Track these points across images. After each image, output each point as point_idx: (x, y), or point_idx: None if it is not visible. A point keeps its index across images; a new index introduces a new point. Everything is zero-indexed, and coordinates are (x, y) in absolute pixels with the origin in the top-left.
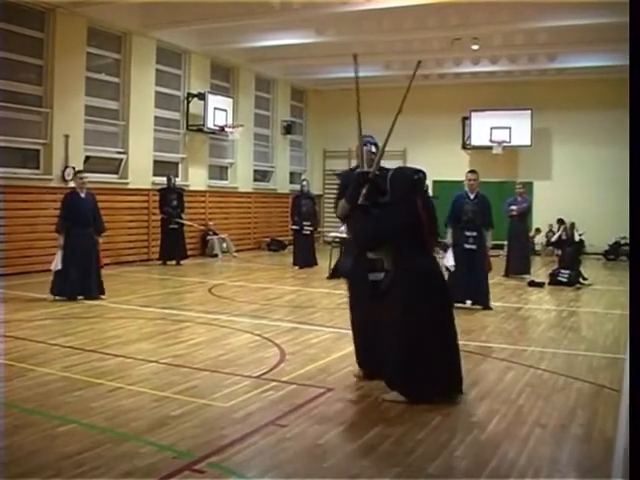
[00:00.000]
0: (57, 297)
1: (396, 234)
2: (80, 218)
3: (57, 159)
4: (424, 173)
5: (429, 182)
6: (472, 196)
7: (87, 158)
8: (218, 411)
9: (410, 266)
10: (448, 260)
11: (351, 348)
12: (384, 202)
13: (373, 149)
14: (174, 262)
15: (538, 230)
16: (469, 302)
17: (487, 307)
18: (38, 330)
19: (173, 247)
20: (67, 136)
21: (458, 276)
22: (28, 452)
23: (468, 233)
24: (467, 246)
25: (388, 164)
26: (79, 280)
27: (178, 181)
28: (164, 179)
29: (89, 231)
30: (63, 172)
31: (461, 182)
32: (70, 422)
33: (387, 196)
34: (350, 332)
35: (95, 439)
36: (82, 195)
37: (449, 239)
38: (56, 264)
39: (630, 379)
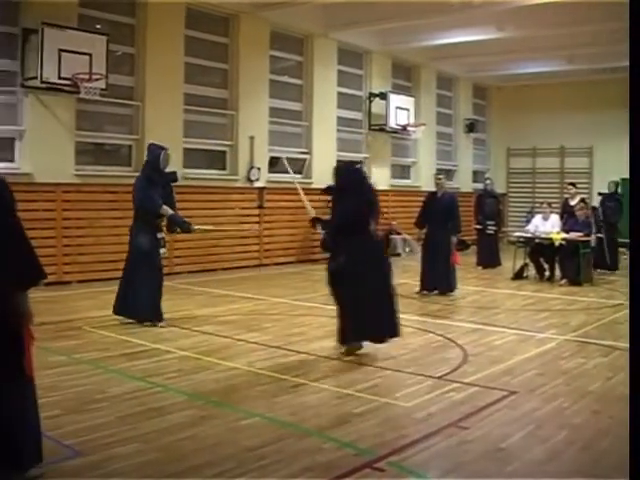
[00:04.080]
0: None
1: (349, 219)
2: (433, 217)
3: (242, 160)
4: (361, 162)
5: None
6: None
7: (272, 159)
8: (399, 410)
9: (357, 244)
10: None
11: (536, 350)
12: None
13: None
14: None
15: None
16: None
17: None
18: (224, 325)
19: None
20: (252, 137)
21: None
22: (212, 443)
23: None
24: None
25: (573, 162)
26: (431, 275)
27: None
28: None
29: (443, 229)
30: (248, 172)
31: None
32: (253, 416)
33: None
34: None
35: (277, 433)
36: (438, 195)
37: None
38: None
39: (630, 379)
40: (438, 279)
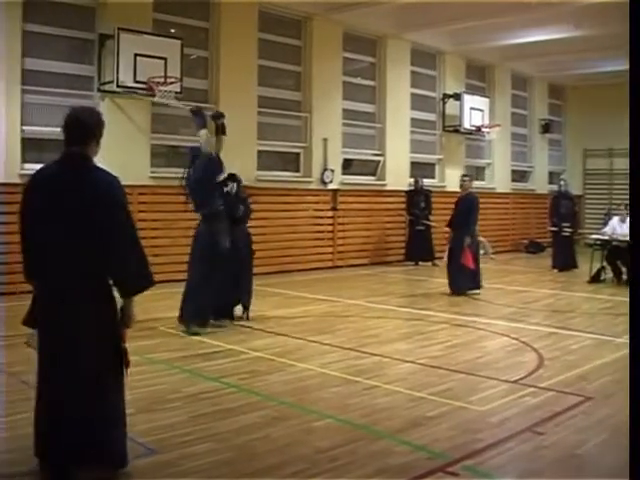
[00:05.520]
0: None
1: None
2: (455, 218)
3: (316, 162)
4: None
5: None
6: None
7: (345, 161)
8: (473, 414)
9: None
10: None
11: (613, 356)
12: None
13: None
14: (429, 263)
15: None
16: None
17: None
18: (298, 327)
19: (419, 248)
20: (326, 139)
21: None
22: (284, 443)
23: None
24: None
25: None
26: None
27: (435, 182)
28: (425, 181)
29: (461, 231)
30: (322, 174)
31: None
32: (326, 417)
33: None
34: None
35: (350, 435)
36: (461, 196)
37: None
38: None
39: (630, 379)
40: (451, 279)
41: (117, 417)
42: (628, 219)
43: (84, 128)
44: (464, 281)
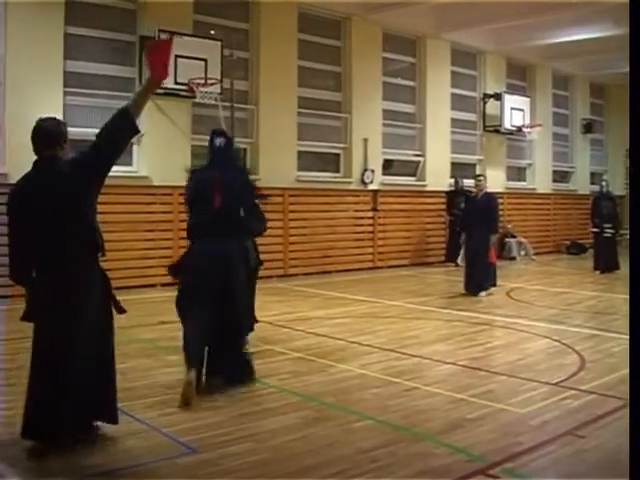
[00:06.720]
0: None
1: None
2: (472, 218)
3: (356, 162)
4: None
5: None
6: None
7: (385, 161)
8: (514, 417)
9: None
10: None
11: None
12: None
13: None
14: None
15: None
16: None
17: None
18: (338, 328)
19: (460, 249)
20: (366, 140)
21: None
22: (325, 444)
23: None
24: None
25: None
26: (469, 275)
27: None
28: (465, 181)
29: (481, 230)
30: (362, 175)
31: None
32: (366, 418)
33: None
34: None
35: (390, 436)
36: (478, 197)
37: None
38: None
39: (630, 379)
40: (478, 279)
41: (113, 379)
42: None
43: (54, 134)
44: (493, 277)
